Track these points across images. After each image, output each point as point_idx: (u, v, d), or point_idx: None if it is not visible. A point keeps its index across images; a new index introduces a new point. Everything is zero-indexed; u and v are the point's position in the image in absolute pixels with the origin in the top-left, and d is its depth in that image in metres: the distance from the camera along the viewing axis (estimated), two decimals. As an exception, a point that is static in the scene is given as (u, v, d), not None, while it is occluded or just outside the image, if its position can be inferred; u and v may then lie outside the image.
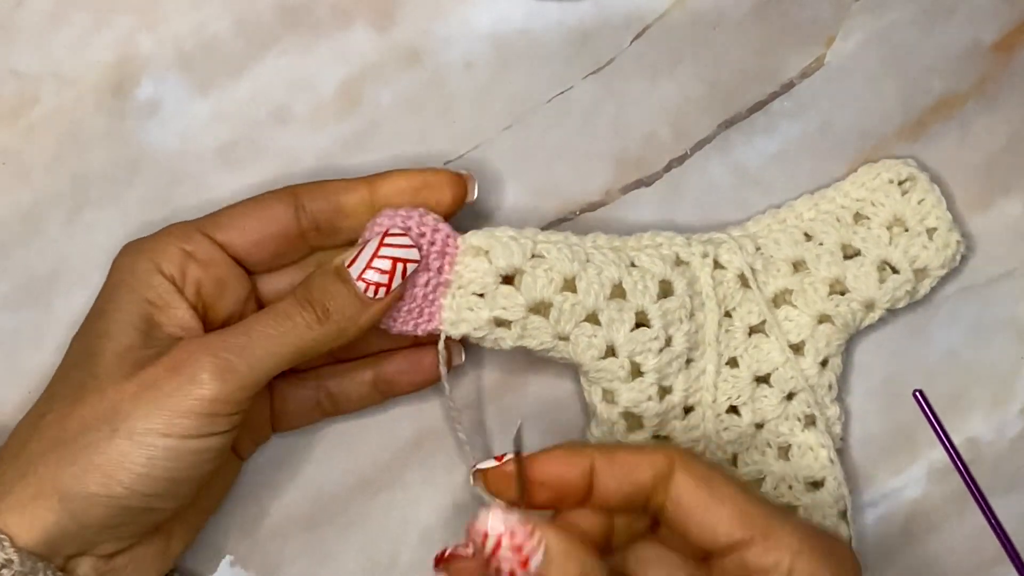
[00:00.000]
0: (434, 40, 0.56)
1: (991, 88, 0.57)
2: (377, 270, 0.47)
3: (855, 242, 0.54)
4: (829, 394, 0.54)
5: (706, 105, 0.56)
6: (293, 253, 0.51)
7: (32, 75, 0.55)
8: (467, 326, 0.50)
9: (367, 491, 0.55)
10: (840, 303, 0.53)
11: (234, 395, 0.45)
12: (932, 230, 0.54)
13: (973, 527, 0.56)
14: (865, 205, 0.55)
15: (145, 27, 0.55)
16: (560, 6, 0.56)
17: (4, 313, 0.54)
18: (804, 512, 0.53)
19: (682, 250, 0.53)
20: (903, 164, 0.55)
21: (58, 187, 0.55)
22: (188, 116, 0.55)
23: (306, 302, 0.47)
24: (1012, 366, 0.57)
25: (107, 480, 0.44)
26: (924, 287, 0.55)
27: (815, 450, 0.53)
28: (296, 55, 0.55)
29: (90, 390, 0.46)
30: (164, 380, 0.45)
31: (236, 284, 0.50)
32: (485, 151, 0.56)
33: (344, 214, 0.49)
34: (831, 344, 0.54)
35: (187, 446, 0.45)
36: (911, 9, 0.57)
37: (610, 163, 0.56)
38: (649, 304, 0.51)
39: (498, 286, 0.50)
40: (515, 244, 0.50)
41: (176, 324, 0.48)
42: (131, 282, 0.48)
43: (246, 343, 0.46)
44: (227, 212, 0.50)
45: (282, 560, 0.54)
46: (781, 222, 0.55)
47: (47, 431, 0.46)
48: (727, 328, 0.53)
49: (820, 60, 0.57)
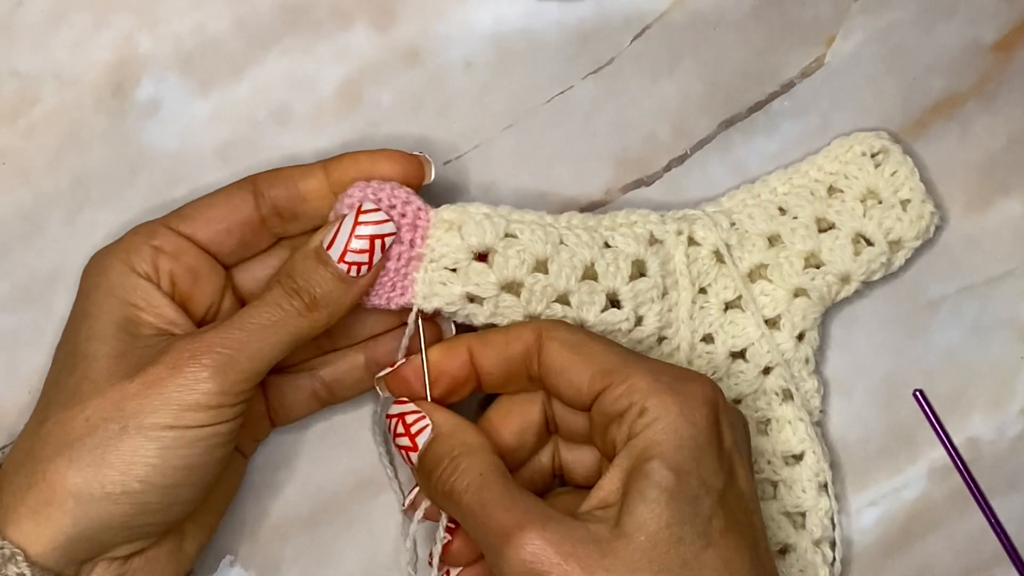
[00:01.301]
0: (434, 40, 0.56)
1: (991, 88, 0.57)
2: (356, 251, 0.48)
3: (829, 215, 0.54)
4: (806, 367, 0.54)
5: (706, 105, 0.56)
6: (260, 242, 0.51)
7: (32, 75, 0.55)
8: (439, 300, 0.50)
9: (367, 491, 0.55)
10: (816, 276, 0.53)
11: (236, 387, 0.46)
12: (906, 202, 0.54)
13: (973, 527, 0.56)
14: (839, 178, 0.55)
15: (145, 27, 0.55)
16: (560, 6, 0.56)
17: (4, 313, 0.54)
18: (784, 486, 0.53)
19: (656, 228, 0.53)
20: (875, 136, 0.55)
21: (58, 187, 0.55)
22: (188, 116, 0.55)
23: (293, 291, 0.47)
24: (1012, 366, 0.57)
25: (123, 477, 0.45)
26: (899, 259, 0.55)
27: (793, 424, 0.53)
28: (296, 55, 0.55)
29: (89, 393, 0.46)
30: (167, 378, 0.45)
31: (209, 273, 0.50)
32: (485, 151, 0.56)
33: (302, 199, 0.50)
34: (807, 318, 0.54)
35: (197, 434, 0.45)
36: (911, 9, 0.57)
37: (610, 163, 0.56)
38: (620, 286, 0.51)
39: (471, 262, 0.50)
40: (488, 223, 0.50)
41: (162, 320, 0.48)
42: (108, 285, 0.48)
43: (242, 336, 0.46)
44: (190, 205, 0.50)
45: (282, 560, 0.54)
46: (755, 197, 0.55)
47: (50, 437, 0.46)
48: (702, 305, 0.53)
49: (820, 60, 0.57)
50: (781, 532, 0.53)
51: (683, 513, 0.43)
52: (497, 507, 0.45)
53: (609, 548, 0.43)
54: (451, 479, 0.46)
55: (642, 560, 0.43)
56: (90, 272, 0.49)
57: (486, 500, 0.45)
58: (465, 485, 0.46)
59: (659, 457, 0.44)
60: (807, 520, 0.53)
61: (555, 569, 0.43)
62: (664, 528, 0.43)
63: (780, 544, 0.54)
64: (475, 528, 0.45)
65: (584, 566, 0.43)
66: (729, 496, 0.45)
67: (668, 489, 0.43)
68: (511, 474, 0.47)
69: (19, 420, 0.54)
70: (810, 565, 0.53)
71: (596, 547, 0.43)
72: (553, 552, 0.43)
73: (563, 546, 0.43)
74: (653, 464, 0.44)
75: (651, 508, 0.43)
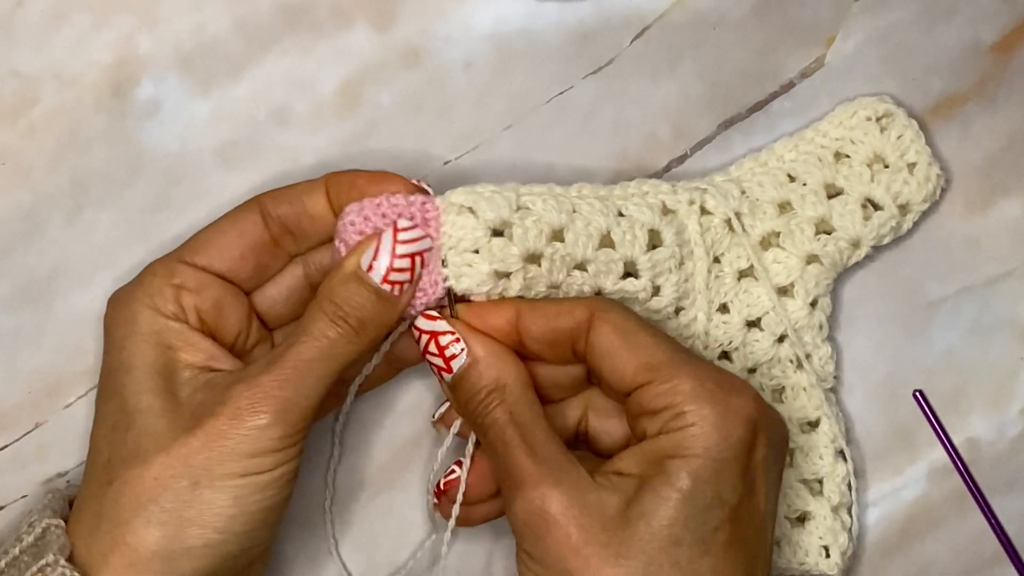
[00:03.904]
0: (434, 40, 0.56)
1: (991, 88, 0.57)
2: (399, 269, 0.48)
3: (838, 181, 0.54)
4: (820, 334, 0.54)
5: (706, 105, 0.56)
6: (275, 262, 0.51)
7: (32, 75, 0.55)
8: (469, 280, 0.49)
9: (367, 491, 0.55)
10: (827, 242, 0.53)
11: (298, 426, 0.46)
12: (912, 165, 0.54)
13: (973, 527, 0.56)
14: (845, 144, 0.55)
15: (145, 27, 0.55)
16: (560, 6, 0.56)
17: (4, 313, 0.54)
18: (800, 453, 0.53)
19: (668, 198, 0.53)
20: (879, 100, 0.55)
21: (58, 187, 0.55)
22: (188, 116, 0.55)
23: (339, 318, 0.47)
24: (1012, 366, 0.57)
25: (202, 530, 0.45)
26: (907, 222, 0.55)
27: (808, 390, 0.54)
28: (296, 55, 0.55)
29: (151, 450, 0.46)
30: (229, 429, 0.45)
31: (234, 302, 0.50)
32: (485, 151, 0.56)
33: (310, 216, 0.49)
34: (820, 284, 0.54)
35: (268, 477, 0.46)
36: (911, 9, 0.57)
37: (610, 163, 0.56)
38: (639, 255, 0.51)
39: (490, 240, 0.49)
40: (500, 198, 0.49)
41: (201, 356, 0.48)
42: (140, 334, 0.48)
43: (296, 376, 0.46)
44: (200, 236, 0.50)
45: (282, 560, 0.54)
46: (763, 165, 0.55)
47: (121, 499, 0.45)
48: (716, 274, 0.53)
49: (820, 60, 0.57)
50: (799, 500, 0.53)
51: (689, 518, 0.44)
52: (519, 451, 0.46)
53: (612, 523, 0.44)
54: (481, 412, 0.47)
55: (635, 548, 0.44)
56: (116, 322, 0.48)
57: (510, 441, 0.46)
58: (492, 421, 0.47)
59: (683, 460, 0.44)
60: (824, 487, 0.53)
61: (555, 528, 0.44)
62: (666, 526, 0.44)
63: (799, 512, 0.54)
64: (495, 463, 0.47)
65: (583, 533, 0.44)
66: (742, 512, 0.45)
67: (681, 491, 0.44)
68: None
69: (19, 420, 0.54)
70: (830, 531, 0.53)
71: (600, 519, 0.44)
72: (560, 511, 0.44)
73: (570, 508, 0.44)
74: (675, 464, 0.44)
75: (660, 504, 0.44)
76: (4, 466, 0.54)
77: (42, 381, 0.54)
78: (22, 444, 0.54)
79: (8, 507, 0.54)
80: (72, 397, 0.54)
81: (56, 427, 0.54)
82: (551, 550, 0.44)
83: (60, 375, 0.54)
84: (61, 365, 0.54)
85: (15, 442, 0.54)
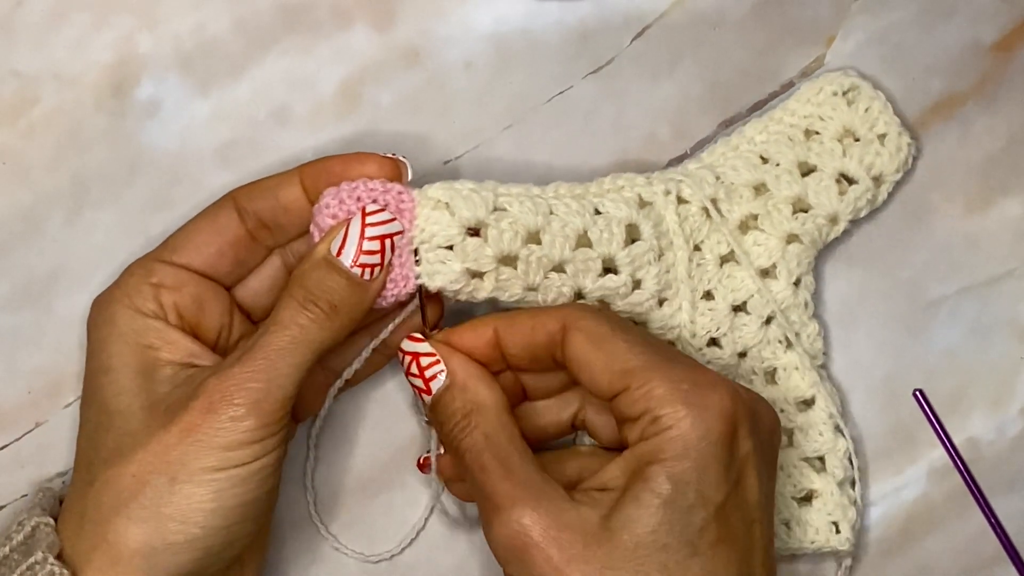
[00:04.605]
0: (434, 40, 0.56)
1: (991, 88, 0.57)
2: (368, 252, 0.48)
3: (810, 158, 0.54)
4: (806, 312, 0.54)
5: (706, 105, 0.56)
6: (254, 257, 0.51)
7: (32, 75, 0.55)
8: (442, 278, 0.49)
9: (367, 491, 0.55)
10: (806, 221, 0.54)
11: (274, 416, 0.46)
12: (882, 136, 0.55)
13: (973, 527, 0.56)
14: (813, 120, 0.55)
15: (145, 27, 0.55)
16: (560, 6, 0.56)
17: (4, 313, 0.54)
18: (800, 432, 0.53)
19: (644, 190, 0.53)
20: (843, 75, 0.55)
21: (58, 187, 0.55)
22: (188, 116, 0.55)
23: (309, 303, 0.47)
24: (1012, 366, 0.57)
25: (183, 526, 0.45)
26: (882, 193, 0.55)
27: (800, 369, 0.54)
28: (296, 55, 0.55)
29: (130, 448, 0.46)
30: (203, 423, 0.45)
31: (213, 298, 0.50)
32: (485, 151, 0.56)
33: (284, 209, 0.49)
34: (802, 263, 0.54)
35: (247, 470, 0.46)
36: (911, 9, 0.57)
37: (610, 163, 0.56)
38: (617, 251, 0.51)
39: (465, 238, 0.49)
40: (477, 197, 0.49)
41: (181, 354, 0.48)
42: (119, 334, 0.48)
43: (268, 365, 0.46)
44: (177, 235, 0.50)
45: (281, 560, 0.54)
46: (735, 148, 0.55)
47: (102, 498, 0.45)
48: (698, 262, 0.53)
49: (820, 60, 0.57)
50: (804, 479, 0.53)
51: (672, 522, 0.44)
52: (495, 475, 0.46)
53: (593, 538, 0.44)
54: (457, 435, 0.47)
55: (620, 558, 0.44)
56: (97, 323, 0.48)
57: (487, 465, 0.46)
58: (469, 444, 0.47)
59: (661, 464, 0.44)
60: (827, 462, 0.53)
61: (535, 550, 0.44)
62: (649, 533, 0.44)
63: (804, 491, 0.54)
64: (473, 487, 0.47)
65: (564, 552, 0.44)
66: (729, 508, 0.45)
67: (662, 496, 0.44)
68: (534, 405, 0.49)
69: (19, 420, 0.54)
70: (838, 506, 0.53)
71: (581, 535, 0.44)
72: (539, 532, 0.44)
73: (549, 529, 0.44)
74: (654, 469, 0.44)
75: (642, 511, 0.44)
76: (4, 466, 0.54)
77: (42, 381, 0.54)
78: (22, 444, 0.54)
79: (8, 507, 0.54)
80: (72, 397, 0.54)
81: (56, 427, 0.54)
82: (534, 573, 0.44)
83: (60, 375, 0.54)
84: (61, 365, 0.54)
85: (15, 442, 0.54)
